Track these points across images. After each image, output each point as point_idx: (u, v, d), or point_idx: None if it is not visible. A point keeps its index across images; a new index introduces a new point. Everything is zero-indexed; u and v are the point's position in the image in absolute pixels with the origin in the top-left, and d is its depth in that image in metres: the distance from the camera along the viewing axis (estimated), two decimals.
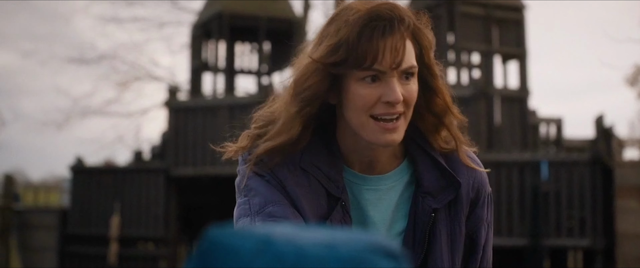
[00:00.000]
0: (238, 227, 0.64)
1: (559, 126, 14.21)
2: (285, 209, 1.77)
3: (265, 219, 1.74)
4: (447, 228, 1.89)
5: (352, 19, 1.74)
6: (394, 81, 1.75)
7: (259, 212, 1.76)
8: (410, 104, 1.79)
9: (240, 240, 0.61)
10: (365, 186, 1.90)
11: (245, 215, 1.78)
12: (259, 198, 1.79)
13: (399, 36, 1.74)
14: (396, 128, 1.77)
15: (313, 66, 1.77)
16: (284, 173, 1.82)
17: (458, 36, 13.75)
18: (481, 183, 1.96)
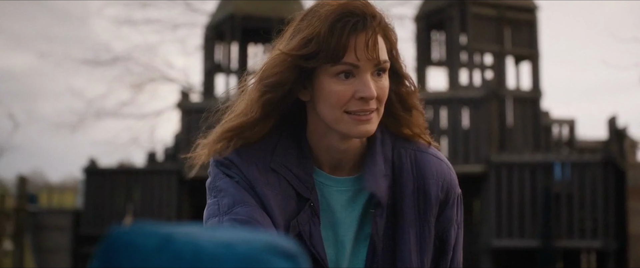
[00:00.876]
0: (141, 226, 0.64)
1: (572, 127, 14.15)
2: (253, 210, 1.77)
3: (233, 219, 1.74)
4: (416, 228, 1.89)
5: (325, 14, 1.76)
6: (367, 76, 1.76)
7: (227, 213, 1.77)
8: (383, 100, 1.81)
9: (142, 238, 0.62)
10: (335, 187, 1.90)
11: (214, 216, 1.79)
12: (227, 199, 1.80)
13: (371, 31, 1.75)
14: (369, 119, 1.78)
15: (282, 58, 1.78)
16: (253, 173, 1.83)
17: (470, 37, 13.72)
18: (450, 184, 1.96)
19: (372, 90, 1.75)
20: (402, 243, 1.88)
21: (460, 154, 12.54)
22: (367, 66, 1.76)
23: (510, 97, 13.54)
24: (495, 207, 12.17)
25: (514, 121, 13.48)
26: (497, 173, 12.24)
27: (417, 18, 14.96)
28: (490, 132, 12.49)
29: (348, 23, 1.74)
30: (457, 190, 1.99)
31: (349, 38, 1.73)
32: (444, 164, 1.97)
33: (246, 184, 1.82)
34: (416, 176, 1.91)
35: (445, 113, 12.72)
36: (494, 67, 14.12)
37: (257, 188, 1.81)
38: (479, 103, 12.49)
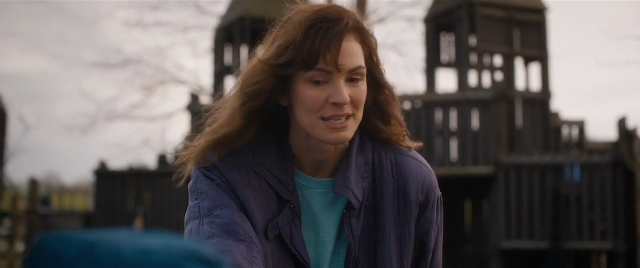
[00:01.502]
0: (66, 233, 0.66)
1: (581, 128, 14.12)
2: (233, 212, 1.78)
3: (213, 222, 1.76)
4: (396, 230, 1.90)
5: (299, 21, 1.77)
6: (340, 82, 1.77)
7: (207, 215, 1.78)
8: (359, 105, 1.81)
9: (65, 245, 0.63)
10: (316, 189, 1.91)
11: (194, 218, 1.80)
12: (208, 201, 1.81)
13: (344, 37, 1.76)
14: (345, 126, 1.79)
15: (260, 67, 1.80)
16: (234, 175, 1.84)
17: (479, 39, 13.73)
18: (430, 186, 1.96)
19: (345, 95, 1.76)
20: (382, 245, 1.88)
21: (469, 155, 12.54)
22: (341, 72, 1.77)
23: (520, 99, 13.55)
24: (505, 208, 12.16)
25: (523, 122, 13.48)
26: (506, 174, 12.23)
27: (426, 20, 14.97)
28: (499, 133, 12.48)
29: (321, 29, 1.74)
30: (437, 192, 1.99)
31: (321, 44, 1.74)
32: (424, 166, 1.98)
33: (227, 186, 1.83)
34: (396, 178, 1.92)
35: (455, 114, 12.71)
36: (503, 68, 14.10)
37: (238, 190, 1.83)
38: (487, 104, 12.48)
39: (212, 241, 1.71)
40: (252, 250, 1.72)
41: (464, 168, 12.55)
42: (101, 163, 15.47)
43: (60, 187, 46.91)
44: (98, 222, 15.05)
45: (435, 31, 14.86)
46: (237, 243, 1.71)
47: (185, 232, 1.81)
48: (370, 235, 1.90)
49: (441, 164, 12.68)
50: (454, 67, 14.72)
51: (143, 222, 14.50)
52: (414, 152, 1.99)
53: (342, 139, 1.81)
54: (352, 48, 1.78)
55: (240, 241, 1.72)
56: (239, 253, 1.68)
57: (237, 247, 1.69)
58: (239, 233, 1.74)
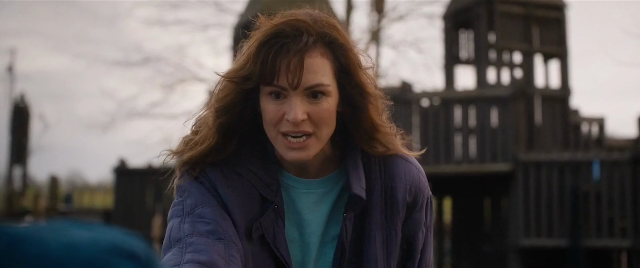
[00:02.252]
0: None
1: (601, 125, 14.05)
2: (214, 211, 1.78)
3: (195, 220, 1.76)
4: (383, 232, 1.89)
5: (257, 36, 1.77)
6: (296, 99, 1.74)
7: (189, 213, 1.79)
8: (319, 123, 1.78)
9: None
10: (303, 189, 1.91)
11: (177, 216, 1.81)
12: (191, 200, 1.82)
13: (302, 54, 1.73)
14: (303, 146, 1.77)
15: (225, 82, 1.81)
16: (217, 175, 1.85)
17: (498, 36, 13.67)
18: (419, 187, 1.94)
19: (296, 113, 1.73)
20: (368, 246, 1.87)
21: (488, 153, 12.49)
22: (296, 89, 1.74)
23: (539, 96, 13.49)
24: (523, 206, 12.10)
25: (542, 119, 13.42)
26: (524, 171, 12.17)
27: (444, 16, 14.93)
28: (518, 131, 12.42)
29: (274, 46, 1.73)
30: (427, 193, 1.97)
31: (274, 61, 1.72)
32: (413, 167, 1.95)
33: (210, 185, 1.84)
34: (384, 179, 1.91)
35: (473, 111, 12.67)
36: (522, 65, 14.04)
37: (220, 190, 1.83)
38: (506, 101, 12.42)
39: (191, 239, 1.71)
40: (231, 249, 1.71)
41: (482, 165, 12.50)
42: (121, 161, 15.55)
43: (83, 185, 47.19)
44: (118, 220, 15.13)
45: (454, 28, 14.81)
46: (215, 242, 1.71)
47: (167, 229, 1.81)
48: (357, 236, 1.89)
49: (460, 161, 12.65)
50: (473, 65, 14.66)
51: (162, 219, 14.56)
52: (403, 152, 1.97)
53: (297, 160, 1.80)
54: (311, 64, 1.74)
55: (219, 240, 1.72)
56: (216, 252, 1.68)
57: (215, 246, 1.69)
58: (218, 232, 1.73)
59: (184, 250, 1.68)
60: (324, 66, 1.76)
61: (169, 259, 1.66)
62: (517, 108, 12.45)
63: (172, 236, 1.75)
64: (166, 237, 1.78)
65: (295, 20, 1.77)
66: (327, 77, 1.77)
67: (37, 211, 17.50)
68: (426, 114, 13.03)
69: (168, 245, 1.74)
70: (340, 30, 1.81)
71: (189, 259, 1.64)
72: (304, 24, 1.76)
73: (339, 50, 1.79)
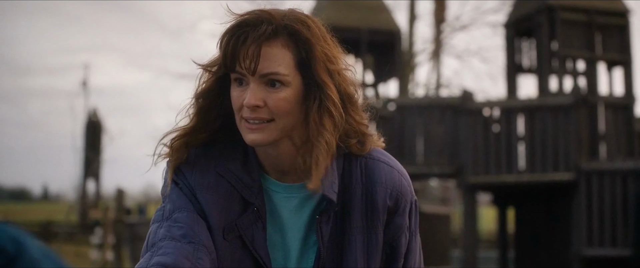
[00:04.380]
0: None
1: None
2: (189, 215, 1.84)
3: (171, 225, 1.83)
4: (363, 235, 1.90)
5: (225, 27, 1.84)
6: (253, 86, 1.80)
7: (167, 218, 1.85)
8: (276, 111, 1.82)
9: None
10: (283, 193, 1.93)
11: (157, 221, 1.88)
12: (170, 205, 1.88)
13: (253, 42, 1.79)
14: (260, 128, 1.82)
15: (201, 71, 1.91)
16: (197, 179, 1.90)
17: (560, 44, 13.50)
18: (400, 192, 1.94)
19: (250, 99, 1.79)
20: (348, 250, 1.89)
21: (550, 162, 12.36)
22: (254, 76, 1.80)
23: (602, 104, 13.29)
24: (586, 215, 11.94)
25: (606, 127, 13.21)
26: (587, 180, 12.01)
27: (506, 25, 14.83)
28: (581, 139, 12.27)
29: (235, 34, 1.80)
30: (409, 197, 1.97)
31: (234, 49, 1.80)
32: (395, 171, 1.96)
33: (188, 190, 1.90)
34: (365, 183, 1.92)
35: (535, 120, 12.55)
36: (585, 73, 13.86)
37: (198, 193, 1.88)
38: (568, 109, 12.29)
39: (162, 243, 1.78)
40: (199, 251, 1.77)
41: (544, 175, 12.37)
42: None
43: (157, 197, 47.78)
44: None
45: (516, 37, 14.69)
46: (185, 245, 1.77)
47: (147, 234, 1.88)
48: (338, 240, 1.90)
49: (522, 171, 12.54)
50: (535, 73, 14.52)
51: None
52: (387, 157, 1.98)
53: (256, 142, 1.83)
54: (269, 53, 1.80)
55: (189, 243, 1.78)
56: (183, 254, 1.74)
57: (183, 248, 1.76)
58: (190, 235, 1.80)
59: (154, 254, 1.76)
60: (284, 56, 1.82)
61: (140, 263, 1.75)
62: (580, 116, 12.30)
63: (149, 240, 1.83)
64: (145, 241, 1.86)
65: (260, 11, 1.84)
66: (285, 67, 1.81)
67: (106, 223, 17.78)
68: (488, 123, 12.95)
69: (145, 249, 1.82)
70: (311, 27, 1.85)
71: (155, 262, 1.72)
72: (267, 15, 1.82)
73: (302, 43, 1.83)
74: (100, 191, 39.98)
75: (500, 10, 20.86)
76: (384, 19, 15.95)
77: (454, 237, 21.22)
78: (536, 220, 14.07)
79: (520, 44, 14.84)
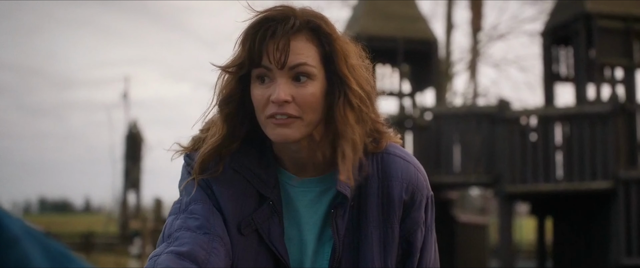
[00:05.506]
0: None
1: None
2: (205, 207, 1.85)
3: (187, 216, 1.83)
4: (379, 230, 1.90)
5: (247, 24, 1.82)
6: (281, 80, 1.79)
7: (184, 211, 1.86)
8: (304, 107, 1.81)
9: None
10: (299, 188, 1.93)
11: (174, 213, 1.88)
12: (187, 198, 1.89)
13: (287, 36, 1.79)
14: (287, 123, 1.80)
15: (222, 74, 1.87)
16: (206, 172, 1.91)
17: (597, 51, 13.40)
18: (416, 186, 1.93)
19: (279, 93, 1.78)
20: (365, 245, 1.89)
21: (588, 170, 12.26)
22: (281, 70, 1.79)
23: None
24: (625, 224, 11.83)
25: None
26: (625, 189, 11.90)
27: (543, 33, 14.74)
28: (619, 148, 12.16)
29: (261, 29, 1.79)
30: (425, 191, 1.96)
31: (261, 44, 1.78)
32: (412, 165, 1.95)
33: (204, 183, 1.90)
34: (381, 178, 1.91)
35: (573, 128, 12.47)
36: (623, 81, 13.74)
37: (214, 187, 1.89)
38: (606, 117, 12.19)
39: (178, 234, 1.79)
40: (214, 242, 1.78)
41: (582, 183, 12.28)
42: None
43: None
44: None
45: (553, 45, 14.60)
46: (200, 235, 1.78)
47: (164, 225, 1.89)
48: (354, 235, 1.90)
49: (559, 180, 12.45)
50: (573, 81, 14.43)
51: None
52: (403, 152, 1.98)
53: (282, 138, 1.82)
54: (295, 47, 1.80)
55: (205, 234, 1.78)
56: (199, 244, 1.75)
57: (198, 239, 1.77)
58: (205, 226, 1.80)
59: (170, 244, 1.76)
60: (309, 50, 1.81)
61: (155, 252, 1.75)
62: (618, 125, 12.19)
63: (165, 232, 1.84)
64: (161, 232, 1.86)
65: (282, 6, 1.83)
66: (312, 60, 1.82)
67: (145, 233, 17.91)
68: (525, 132, 12.88)
69: (161, 240, 1.82)
70: (328, 23, 1.85)
71: (170, 250, 1.73)
72: (291, 10, 1.82)
73: (324, 38, 1.83)
74: (141, 202, 40.23)
75: (538, 19, 20.77)
76: (420, 29, 15.94)
77: (492, 247, 21.10)
78: (574, 229, 13.95)
79: (558, 52, 14.75)
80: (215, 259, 1.76)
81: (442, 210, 15.91)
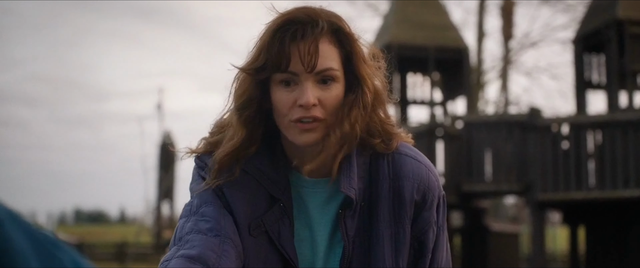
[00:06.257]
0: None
1: None
2: (216, 209, 1.85)
3: (198, 219, 1.83)
4: (391, 230, 1.89)
5: (270, 25, 1.81)
6: (307, 84, 1.79)
7: (195, 213, 1.86)
8: (329, 109, 1.82)
9: None
10: (311, 189, 1.93)
11: (185, 215, 1.89)
12: (197, 200, 1.89)
13: (311, 39, 1.78)
14: (312, 127, 1.81)
15: (242, 75, 1.85)
16: (223, 175, 1.90)
17: (629, 59, 13.30)
18: (428, 186, 1.93)
19: (309, 97, 1.77)
20: (376, 245, 1.89)
21: (620, 178, 12.16)
22: (308, 74, 1.79)
23: None
24: None
25: None
26: None
27: (574, 41, 14.65)
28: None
29: (287, 31, 1.78)
30: (437, 191, 1.96)
31: (288, 46, 1.77)
32: (423, 165, 1.95)
33: (216, 185, 1.90)
34: (392, 177, 1.91)
35: (605, 136, 12.38)
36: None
37: (225, 188, 1.89)
38: (637, 125, 12.09)
39: (189, 236, 1.78)
40: (225, 244, 1.77)
41: (614, 192, 12.17)
42: None
43: None
44: None
45: (585, 52, 14.51)
46: (211, 237, 1.77)
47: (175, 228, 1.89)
48: (365, 235, 1.90)
49: (592, 188, 12.36)
50: (604, 89, 14.32)
51: None
52: (413, 151, 1.97)
53: (307, 143, 1.82)
54: (322, 50, 1.79)
55: (216, 236, 1.78)
56: (209, 247, 1.75)
57: (209, 241, 1.76)
58: (216, 229, 1.80)
59: (181, 247, 1.76)
60: (333, 52, 1.82)
61: (166, 256, 1.76)
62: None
63: (176, 235, 1.84)
64: (173, 236, 1.87)
65: (306, 7, 1.83)
66: (336, 63, 1.82)
67: None
68: (556, 139, 12.81)
69: (172, 243, 1.83)
70: (346, 22, 1.86)
71: (180, 254, 1.73)
72: (315, 11, 1.82)
73: (344, 39, 1.83)
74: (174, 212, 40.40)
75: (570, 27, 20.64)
76: (451, 37, 15.90)
77: (525, 256, 20.97)
78: (607, 238, 13.83)
79: (590, 60, 14.65)
80: (226, 261, 1.76)
81: (474, 219, 15.85)
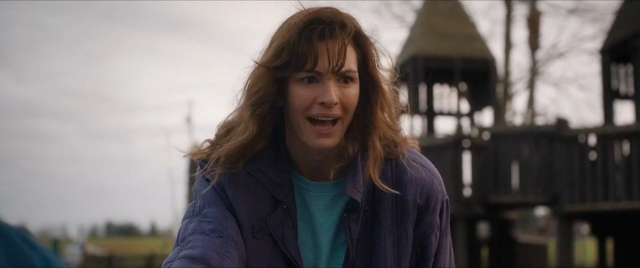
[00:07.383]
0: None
1: None
2: (219, 210, 1.87)
3: (201, 220, 1.85)
4: (393, 234, 1.90)
5: (294, 22, 1.82)
6: (330, 83, 1.81)
7: (197, 214, 1.88)
8: (348, 108, 1.84)
9: None
10: (314, 192, 1.94)
11: (188, 216, 1.91)
12: (200, 201, 1.91)
13: (338, 39, 1.80)
14: (330, 132, 1.83)
15: (261, 71, 1.85)
16: (227, 176, 1.91)
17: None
18: (431, 190, 1.94)
19: (332, 95, 1.79)
20: (378, 248, 1.90)
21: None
22: (331, 73, 1.81)
23: None
24: None
25: None
26: None
27: (602, 51, 14.55)
28: None
29: (315, 30, 1.80)
30: (440, 196, 1.97)
31: (314, 45, 1.79)
32: (426, 170, 1.96)
33: (219, 187, 1.91)
34: (395, 182, 1.92)
35: (633, 146, 12.27)
36: None
37: (228, 190, 1.91)
38: None
39: (191, 237, 1.81)
40: (227, 245, 1.79)
41: (634, 201, 12.05)
42: None
43: None
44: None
45: (612, 62, 14.41)
46: (214, 239, 1.79)
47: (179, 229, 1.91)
48: (368, 239, 1.91)
49: (620, 198, 12.26)
50: (632, 99, 14.21)
51: None
52: (418, 156, 1.99)
53: (324, 147, 1.84)
54: (344, 51, 1.82)
55: (218, 237, 1.80)
56: (212, 248, 1.77)
57: (211, 242, 1.78)
58: (219, 230, 1.82)
59: (183, 247, 1.79)
60: (351, 53, 1.85)
61: (169, 257, 1.78)
62: None
63: (179, 236, 1.86)
64: (176, 237, 1.89)
65: (332, 8, 1.85)
66: (354, 64, 1.85)
67: None
68: (584, 150, 12.72)
69: (176, 243, 1.85)
70: (361, 25, 1.88)
71: (183, 255, 1.75)
72: (338, 13, 1.85)
73: (362, 41, 1.87)
74: None
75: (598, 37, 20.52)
76: (478, 48, 15.85)
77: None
78: (635, 250, 13.71)
79: (617, 70, 14.55)
80: (229, 262, 1.77)
81: (501, 230, 15.76)
